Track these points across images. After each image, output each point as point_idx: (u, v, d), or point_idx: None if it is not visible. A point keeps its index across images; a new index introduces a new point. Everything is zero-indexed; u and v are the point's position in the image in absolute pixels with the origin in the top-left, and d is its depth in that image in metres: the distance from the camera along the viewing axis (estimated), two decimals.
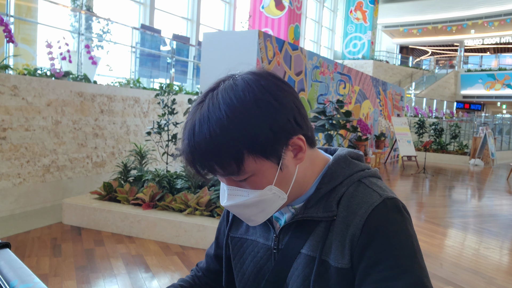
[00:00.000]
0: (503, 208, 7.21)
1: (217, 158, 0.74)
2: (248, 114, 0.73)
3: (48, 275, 3.16)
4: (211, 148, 0.73)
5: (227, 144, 0.72)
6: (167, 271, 3.38)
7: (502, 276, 3.79)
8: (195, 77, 9.60)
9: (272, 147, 0.75)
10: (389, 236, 0.75)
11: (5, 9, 5.17)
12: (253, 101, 0.74)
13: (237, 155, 0.73)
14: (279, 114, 0.75)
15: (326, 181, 0.84)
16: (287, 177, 0.80)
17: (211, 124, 0.73)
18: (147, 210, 4.22)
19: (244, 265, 0.95)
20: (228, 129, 0.72)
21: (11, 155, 4.63)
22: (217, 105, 0.74)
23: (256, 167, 0.76)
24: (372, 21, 22.84)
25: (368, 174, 0.86)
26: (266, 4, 15.22)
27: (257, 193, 0.79)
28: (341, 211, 0.80)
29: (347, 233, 0.78)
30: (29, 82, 4.80)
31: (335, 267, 0.78)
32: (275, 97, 0.76)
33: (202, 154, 0.74)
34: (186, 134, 0.76)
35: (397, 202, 0.80)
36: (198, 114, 0.76)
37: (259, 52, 5.29)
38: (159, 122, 5.05)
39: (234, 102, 0.73)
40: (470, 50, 34.51)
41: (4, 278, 0.56)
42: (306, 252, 0.82)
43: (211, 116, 0.73)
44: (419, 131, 13.96)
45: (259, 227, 0.94)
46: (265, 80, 0.77)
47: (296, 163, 0.81)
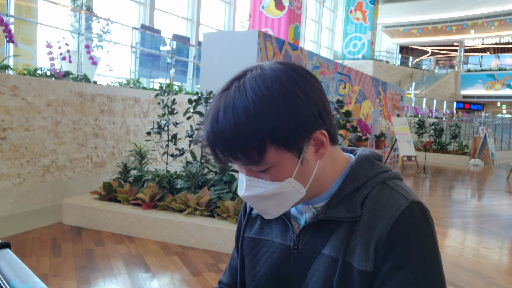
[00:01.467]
0: (503, 208, 7.21)
1: (239, 145, 0.73)
2: (274, 104, 0.72)
3: (48, 275, 3.16)
4: (234, 135, 0.72)
5: (251, 132, 0.72)
6: (167, 271, 3.38)
7: (502, 276, 3.79)
8: (195, 77, 9.60)
9: (294, 139, 0.75)
10: (414, 242, 0.75)
11: (5, 9, 5.17)
12: (280, 91, 0.73)
13: (260, 144, 0.73)
14: (305, 106, 0.74)
15: (349, 181, 0.83)
16: (307, 171, 0.79)
17: (236, 111, 0.72)
18: (147, 210, 4.22)
19: (257, 266, 0.92)
20: (254, 117, 0.71)
21: (11, 155, 4.63)
22: (243, 92, 0.73)
23: (277, 158, 0.75)
24: (372, 21, 22.84)
25: (391, 175, 0.85)
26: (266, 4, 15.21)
27: (276, 185, 0.78)
28: (366, 213, 0.79)
29: (372, 236, 0.77)
30: (29, 82, 4.80)
31: (359, 269, 0.77)
32: (302, 89, 0.75)
33: (225, 140, 0.73)
34: (210, 120, 0.75)
35: (423, 207, 0.80)
36: (223, 100, 0.75)
37: (259, 52, 5.29)
38: (159, 122, 5.05)
39: (262, 90, 0.73)
40: (470, 50, 34.51)
41: (4, 278, 0.56)
42: (328, 253, 0.81)
43: (237, 103, 0.73)
44: (419, 131, 13.97)
45: (276, 227, 0.92)
46: (294, 72, 0.76)
47: (317, 158, 0.80)
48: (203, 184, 4.58)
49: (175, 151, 5.15)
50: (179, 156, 4.97)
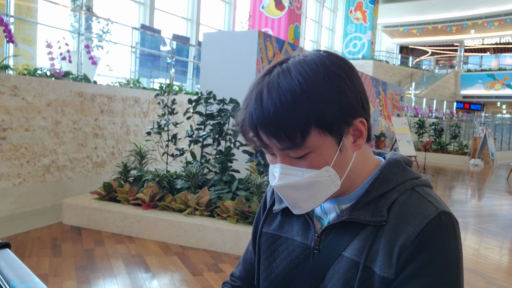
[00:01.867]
0: (503, 208, 7.21)
1: (284, 126, 0.71)
2: (320, 86, 0.71)
3: (48, 275, 3.16)
4: (279, 115, 0.70)
5: (297, 113, 0.70)
6: (167, 271, 3.38)
7: (502, 276, 3.79)
8: (195, 77, 9.60)
9: (337, 123, 0.73)
10: (437, 252, 0.73)
11: (5, 9, 5.17)
12: (326, 74, 0.72)
13: (304, 126, 0.71)
14: (350, 91, 0.74)
15: (377, 184, 0.81)
16: (344, 162, 0.78)
17: (281, 91, 0.70)
18: (147, 210, 4.22)
19: (274, 263, 0.90)
20: (300, 98, 0.70)
21: (11, 155, 4.63)
22: (288, 74, 0.72)
23: (318, 143, 0.73)
24: (372, 21, 22.84)
25: (421, 183, 0.82)
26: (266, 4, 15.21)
27: (313, 173, 0.75)
28: (392, 218, 0.77)
29: (396, 243, 0.74)
30: (29, 82, 4.80)
31: (380, 275, 0.74)
32: (347, 74, 0.74)
33: (270, 121, 0.71)
34: (253, 101, 0.73)
35: (452, 218, 0.77)
36: (266, 82, 0.73)
37: (259, 52, 5.29)
38: (159, 122, 5.05)
39: (308, 72, 0.72)
40: (470, 50, 34.51)
41: (4, 278, 0.56)
42: (350, 255, 0.79)
43: (281, 83, 0.71)
44: (419, 131, 13.97)
45: (297, 225, 0.90)
46: (336, 58, 0.76)
47: (354, 149, 0.79)
48: (203, 184, 4.57)
49: (175, 151, 5.15)
50: (179, 156, 4.97)
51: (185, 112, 4.86)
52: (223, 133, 4.65)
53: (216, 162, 4.59)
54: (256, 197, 4.08)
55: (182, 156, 5.01)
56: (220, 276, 3.33)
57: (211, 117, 4.73)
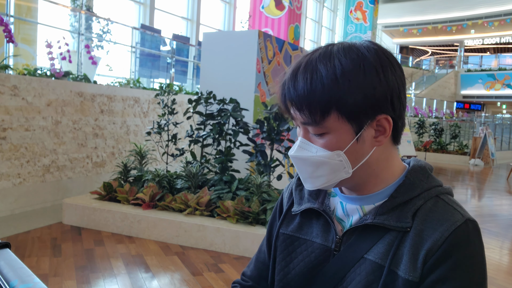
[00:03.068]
0: (503, 208, 7.21)
1: (308, 102, 0.76)
2: (352, 75, 0.75)
3: (48, 275, 3.16)
4: (307, 92, 0.76)
5: (323, 94, 0.75)
6: (167, 271, 3.38)
7: (502, 276, 3.79)
8: (195, 77, 9.59)
9: (358, 113, 0.76)
10: (465, 258, 0.74)
11: (5, 9, 5.17)
12: (363, 65, 0.75)
13: (326, 107, 0.75)
14: (380, 86, 0.76)
15: (402, 190, 0.81)
16: (360, 152, 0.79)
17: (315, 71, 0.76)
18: (147, 210, 4.22)
19: (291, 264, 0.91)
20: (329, 82, 0.75)
21: (11, 155, 4.63)
22: (328, 57, 0.77)
23: (336, 126, 0.77)
24: (372, 21, 22.84)
25: (445, 191, 0.83)
26: (266, 4, 15.21)
27: (325, 153, 0.79)
28: (418, 224, 0.78)
29: (422, 247, 0.75)
30: (29, 82, 4.80)
31: (405, 278, 0.75)
32: (384, 70, 0.77)
33: (297, 94, 0.77)
34: (290, 72, 0.80)
35: (477, 226, 0.78)
36: (306, 59, 0.79)
37: (259, 52, 5.29)
38: (159, 122, 5.05)
39: (347, 60, 0.76)
40: (470, 50, 34.50)
41: (4, 278, 0.56)
42: (373, 259, 0.79)
43: (319, 64, 0.76)
44: (419, 131, 13.96)
45: (317, 227, 0.90)
46: (382, 52, 0.79)
47: (374, 144, 0.80)
48: (203, 184, 4.57)
49: (175, 151, 5.15)
50: (179, 156, 4.97)
51: (185, 112, 4.86)
52: (223, 133, 4.65)
53: (216, 162, 4.59)
54: (256, 197, 4.08)
55: (182, 156, 5.01)
56: (220, 276, 3.33)
57: (211, 117, 4.73)
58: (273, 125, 4.46)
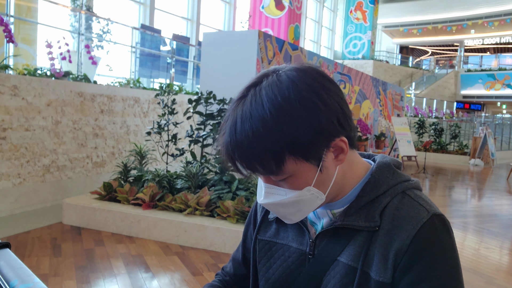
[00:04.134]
0: (503, 208, 7.21)
1: (257, 156, 0.72)
2: (291, 114, 0.71)
3: (48, 275, 3.16)
4: (252, 147, 0.71)
5: (269, 143, 0.71)
6: (167, 271, 3.38)
7: (502, 276, 3.79)
8: (195, 77, 9.59)
9: (313, 149, 0.73)
10: (436, 256, 0.74)
11: (5, 9, 5.17)
12: (298, 100, 0.71)
13: (278, 155, 0.72)
14: (323, 115, 0.73)
15: (368, 189, 0.82)
16: (327, 178, 0.79)
17: (253, 122, 0.71)
18: (147, 210, 4.22)
19: (270, 269, 0.92)
20: (271, 128, 0.70)
21: (11, 155, 4.63)
22: (260, 102, 0.72)
23: (295, 168, 0.74)
24: (372, 21, 22.84)
25: (412, 185, 0.84)
26: (266, 4, 15.21)
27: (295, 193, 0.77)
28: (385, 223, 0.78)
29: (391, 247, 0.76)
30: (29, 82, 4.80)
31: (377, 280, 0.76)
32: (320, 97, 0.73)
33: (243, 151, 0.73)
34: (228, 130, 0.75)
35: (445, 220, 0.78)
36: (240, 110, 0.74)
37: (259, 52, 5.29)
38: (159, 122, 5.05)
39: (279, 100, 0.71)
40: (470, 50, 34.50)
41: (4, 278, 0.56)
42: (346, 261, 0.80)
43: (253, 113, 0.72)
44: (419, 131, 13.97)
45: (292, 231, 0.91)
46: (310, 78, 0.74)
47: (336, 164, 0.79)
48: (203, 184, 4.57)
49: (175, 151, 5.15)
50: (179, 156, 4.97)
51: (185, 112, 4.86)
52: None
53: (216, 162, 4.59)
54: (256, 197, 4.08)
55: (182, 156, 5.01)
56: None
57: (211, 117, 4.73)
58: None
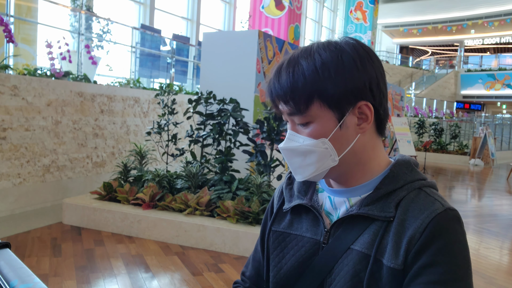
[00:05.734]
0: (503, 208, 7.21)
1: (292, 92, 0.81)
2: (331, 64, 0.80)
3: (48, 275, 3.16)
4: (290, 83, 0.81)
5: (305, 84, 0.80)
6: (167, 271, 3.38)
7: (502, 276, 3.80)
8: (195, 77, 9.59)
9: (339, 100, 0.80)
10: (448, 243, 0.76)
11: (5, 9, 5.17)
12: (340, 55, 0.80)
13: (309, 96, 0.80)
14: (359, 74, 0.80)
15: (387, 182, 0.85)
16: (344, 139, 0.82)
17: (297, 65, 0.81)
18: (147, 210, 4.22)
19: (283, 259, 0.93)
20: (311, 72, 0.80)
21: (11, 155, 4.63)
22: (308, 52, 0.83)
23: (319, 114, 0.81)
24: (372, 21, 22.84)
25: (428, 184, 0.86)
26: (266, 4, 15.21)
27: (311, 141, 0.82)
28: (400, 214, 0.80)
29: (405, 235, 0.78)
30: (29, 82, 4.80)
31: (388, 266, 0.77)
32: (361, 59, 0.81)
33: (282, 86, 0.82)
34: (275, 68, 0.85)
35: (458, 215, 0.80)
36: (289, 55, 0.85)
37: (259, 52, 5.29)
38: (159, 122, 5.05)
39: (326, 52, 0.81)
40: (470, 50, 34.49)
41: (4, 278, 0.56)
42: (359, 249, 0.81)
43: (300, 59, 0.82)
44: (419, 131, 13.96)
45: (307, 222, 0.92)
46: (360, 46, 0.84)
47: (357, 131, 0.83)
48: (203, 184, 4.57)
49: (175, 151, 5.15)
50: (179, 156, 4.97)
51: (185, 112, 4.86)
52: (223, 133, 4.65)
53: (216, 162, 4.59)
54: (256, 197, 4.08)
55: (182, 156, 5.01)
56: (220, 276, 3.33)
57: (211, 117, 4.73)
58: (273, 125, 4.46)
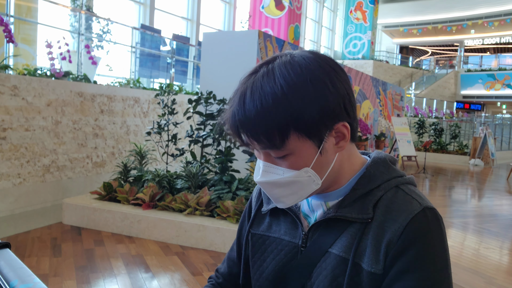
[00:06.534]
0: (503, 208, 7.21)
1: (264, 128, 0.73)
2: (302, 91, 0.73)
3: (48, 275, 3.16)
4: (260, 118, 0.73)
5: (277, 116, 0.72)
6: (167, 271, 3.38)
7: (502, 276, 3.80)
8: (195, 77, 9.59)
9: (317, 128, 0.75)
10: (426, 247, 0.75)
11: (5, 9, 5.17)
12: (309, 78, 0.74)
13: (284, 129, 0.73)
14: (332, 96, 0.75)
15: (363, 182, 0.83)
16: (325, 163, 0.79)
17: (263, 94, 0.73)
18: (147, 210, 4.22)
19: (264, 263, 0.92)
20: (281, 102, 0.72)
21: (11, 155, 4.63)
22: (272, 77, 0.74)
23: (297, 145, 0.76)
24: (372, 21, 22.83)
25: (405, 181, 0.85)
26: (266, 4, 15.21)
27: (293, 173, 0.78)
28: (378, 215, 0.79)
29: (383, 239, 0.76)
30: (29, 82, 4.80)
31: (368, 271, 0.76)
32: (330, 78, 0.76)
33: (251, 122, 0.74)
34: (237, 100, 0.76)
35: (437, 214, 0.79)
36: (251, 83, 0.75)
37: (259, 52, 5.29)
38: (159, 122, 5.05)
39: (292, 76, 0.73)
40: (470, 50, 34.49)
41: (4, 278, 0.56)
42: (337, 252, 0.80)
43: (264, 85, 0.73)
44: (419, 131, 13.97)
45: (285, 225, 0.91)
46: (323, 61, 0.78)
47: (336, 151, 0.81)
48: (203, 184, 4.57)
49: (175, 151, 5.15)
50: (179, 156, 4.97)
51: (185, 112, 4.86)
52: (223, 133, 4.65)
53: (216, 162, 4.59)
54: None
55: (182, 156, 5.01)
56: None
57: (211, 117, 4.73)
58: None
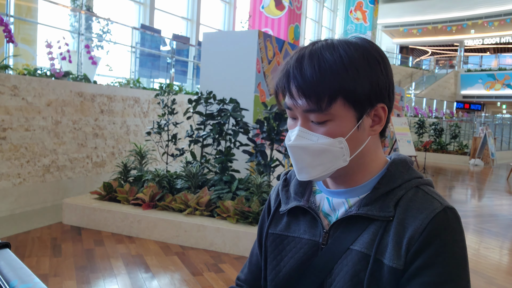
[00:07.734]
0: (503, 208, 7.21)
1: (316, 88, 0.77)
2: (359, 64, 0.78)
3: (48, 275, 3.16)
4: (315, 78, 0.76)
5: (331, 80, 0.76)
6: (167, 271, 3.38)
7: (502, 276, 3.80)
8: (195, 77, 9.59)
9: (362, 101, 0.79)
10: (447, 243, 0.76)
11: (5, 9, 5.17)
12: (366, 55, 0.79)
13: (334, 93, 0.77)
14: (383, 77, 0.80)
15: (384, 182, 0.85)
16: (358, 140, 0.82)
17: (323, 58, 0.77)
18: (147, 210, 4.22)
19: (281, 262, 0.91)
20: (338, 68, 0.76)
21: (11, 155, 4.63)
22: (332, 47, 0.79)
23: (340, 113, 0.78)
24: (372, 21, 22.83)
25: (425, 182, 0.86)
26: (266, 4, 15.20)
27: (327, 140, 0.79)
28: (399, 213, 0.80)
29: (405, 235, 0.78)
30: (29, 82, 4.80)
31: (390, 266, 0.77)
32: (384, 63, 0.82)
33: (305, 80, 0.77)
34: (293, 61, 0.80)
35: (457, 213, 0.81)
36: (309, 50, 0.80)
37: (259, 52, 5.29)
38: (159, 122, 5.05)
39: (352, 50, 0.78)
40: (470, 50, 34.48)
41: (4, 278, 0.56)
42: (359, 248, 0.81)
43: (324, 53, 0.78)
44: (419, 131, 13.96)
45: (304, 224, 0.91)
46: (377, 48, 0.83)
47: (369, 133, 0.83)
48: (203, 184, 4.57)
49: (175, 151, 5.15)
50: (179, 156, 4.97)
51: (185, 112, 4.86)
52: (223, 133, 4.65)
53: (216, 162, 4.59)
54: (256, 197, 4.08)
55: (182, 156, 5.01)
56: (220, 276, 3.33)
57: (211, 117, 4.73)
58: (273, 125, 4.46)
